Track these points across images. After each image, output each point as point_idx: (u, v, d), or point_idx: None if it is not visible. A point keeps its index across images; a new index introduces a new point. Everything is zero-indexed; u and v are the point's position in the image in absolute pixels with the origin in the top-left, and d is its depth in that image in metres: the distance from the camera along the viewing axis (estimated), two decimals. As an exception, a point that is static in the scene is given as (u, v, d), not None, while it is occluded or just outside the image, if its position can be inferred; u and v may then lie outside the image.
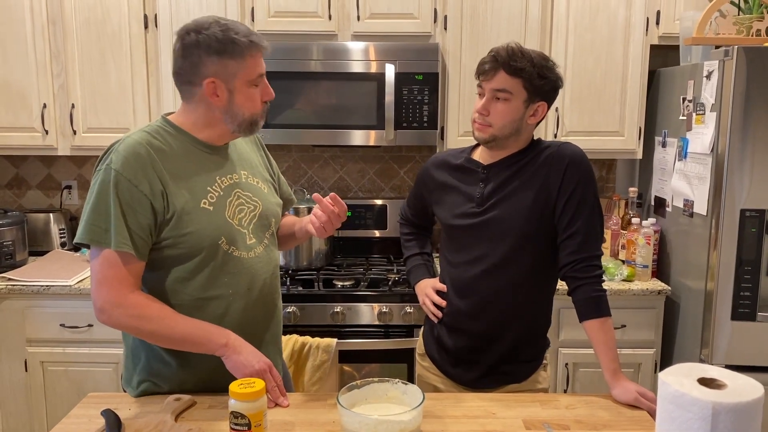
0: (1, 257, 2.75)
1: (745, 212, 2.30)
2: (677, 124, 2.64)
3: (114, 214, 1.40)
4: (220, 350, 1.46)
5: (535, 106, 1.64)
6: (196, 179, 1.49)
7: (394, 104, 2.69)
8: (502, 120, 1.63)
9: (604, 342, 1.60)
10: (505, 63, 1.59)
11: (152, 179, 1.42)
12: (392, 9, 2.76)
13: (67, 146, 2.85)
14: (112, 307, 1.41)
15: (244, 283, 1.54)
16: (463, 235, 1.73)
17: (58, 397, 2.66)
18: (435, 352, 1.85)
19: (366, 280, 2.69)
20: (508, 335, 1.72)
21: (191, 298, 1.49)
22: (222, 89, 1.47)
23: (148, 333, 1.45)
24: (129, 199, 1.40)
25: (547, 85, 1.63)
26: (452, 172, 1.78)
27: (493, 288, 1.70)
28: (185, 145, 1.51)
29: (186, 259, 1.47)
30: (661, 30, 2.78)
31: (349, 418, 1.30)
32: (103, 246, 1.41)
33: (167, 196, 1.44)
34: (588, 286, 1.62)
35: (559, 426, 1.43)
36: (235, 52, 1.44)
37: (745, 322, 2.34)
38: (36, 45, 2.76)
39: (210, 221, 1.48)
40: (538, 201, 1.64)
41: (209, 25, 1.45)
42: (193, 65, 1.45)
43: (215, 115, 1.50)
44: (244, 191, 1.57)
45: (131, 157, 1.42)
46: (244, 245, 1.54)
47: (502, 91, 1.61)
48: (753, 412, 1.03)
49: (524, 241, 1.66)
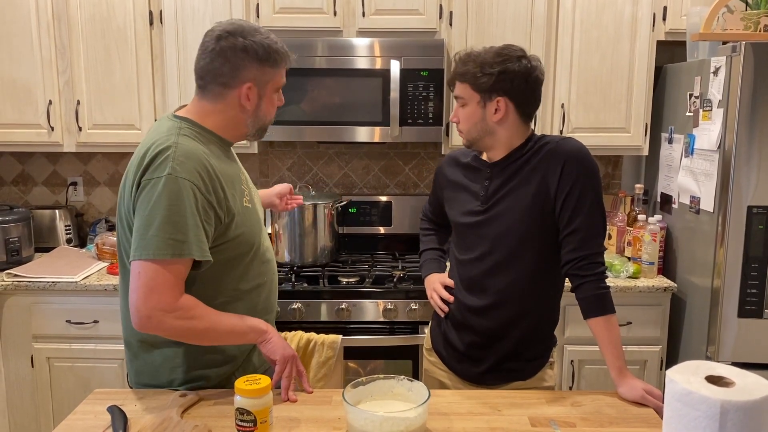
0: (7, 253, 2.76)
1: (752, 209, 2.29)
2: (684, 120, 2.62)
3: (191, 224, 1.38)
4: (262, 336, 1.54)
5: (494, 103, 1.62)
6: (233, 179, 1.54)
7: (399, 100, 2.69)
8: (466, 125, 1.67)
9: (609, 339, 1.59)
10: (455, 71, 1.65)
11: (216, 186, 1.45)
12: (397, 5, 2.75)
13: (73, 143, 2.86)
14: (163, 314, 1.39)
15: (271, 269, 1.67)
16: (469, 232, 1.74)
17: (64, 393, 2.66)
18: (441, 348, 1.85)
19: (371, 276, 2.68)
20: (513, 332, 1.72)
21: (236, 291, 1.55)
22: (254, 94, 1.52)
23: (200, 332, 1.45)
24: (203, 207, 1.40)
25: (493, 79, 1.59)
26: (462, 170, 1.80)
27: (498, 285, 1.70)
28: (218, 147, 1.55)
29: (241, 258, 1.55)
30: (668, 26, 2.77)
31: (354, 414, 1.30)
32: (184, 256, 1.38)
33: (226, 201, 1.47)
34: (591, 284, 1.61)
35: (565, 423, 1.43)
36: (275, 60, 1.51)
37: (751, 320, 2.33)
38: (41, 41, 2.76)
39: (251, 218, 1.57)
40: (538, 198, 1.64)
41: (253, 32, 1.49)
42: (235, 68, 1.47)
43: (242, 118, 1.54)
44: (248, 183, 1.66)
45: (197, 165, 1.41)
46: (265, 234, 1.66)
47: (459, 98, 1.67)
48: (762, 411, 1.02)
49: (527, 239, 1.66)
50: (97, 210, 3.28)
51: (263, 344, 1.54)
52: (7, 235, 2.76)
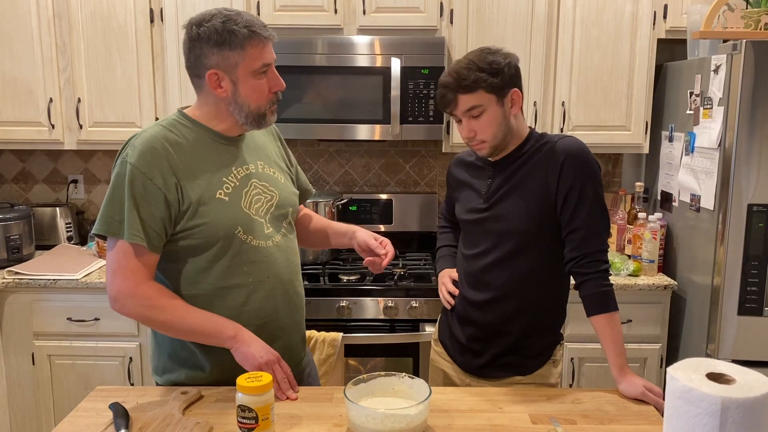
0: (8, 251, 2.76)
1: (752, 207, 2.29)
2: (684, 118, 2.63)
3: (128, 206, 1.42)
4: (229, 342, 1.47)
5: (508, 98, 1.64)
6: (212, 170, 1.51)
7: (399, 98, 2.69)
8: (490, 130, 1.64)
9: (611, 337, 1.60)
10: (458, 88, 1.60)
11: (166, 172, 1.44)
12: (398, 3, 2.75)
13: (74, 140, 2.86)
14: (125, 298, 1.44)
15: (263, 272, 1.55)
16: (473, 229, 1.77)
17: (65, 390, 2.67)
18: (447, 339, 1.89)
19: (371, 274, 2.69)
20: (514, 328, 1.73)
21: (212, 287, 1.51)
22: (226, 81, 1.48)
23: (160, 323, 1.48)
24: (143, 191, 1.43)
25: (504, 75, 1.61)
26: (467, 169, 1.83)
27: (499, 281, 1.71)
28: (201, 138, 1.53)
29: (203, 250, 1.49)
30: (669, 24, 2.77)
31: (356, 411, 1.30)
32: (117, 237, 1.44)
33: (181, 189, 1.45)
34: (594, 282, 1.62)
35: (565, 420, 1.43)
36: (234, 42, 1.44)
37: (751, 317, 2.34)
38: (42, 39, 2.76)
39: (226, 211, 1.50)
40: (539, 197, 1.65)
41: (212, 17, 1.46)
42: (197, 57, 1.48)
43: (223, 107, 1.51)
44: (260, 181, 1.59)
45: (146, 150, 1.44)
46: (261, 234, 1.56)
47: (472, 109, 1.62)
48: (763, 408, 1.02)
49: (528, 236, 1.67)
50: (98, 208, 3.27)
51: (234, 351, 1.48)
52: (8, 233, 2.76)
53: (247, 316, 1.53)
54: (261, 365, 1.46)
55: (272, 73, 1.52)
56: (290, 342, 1.63)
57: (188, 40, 1.48)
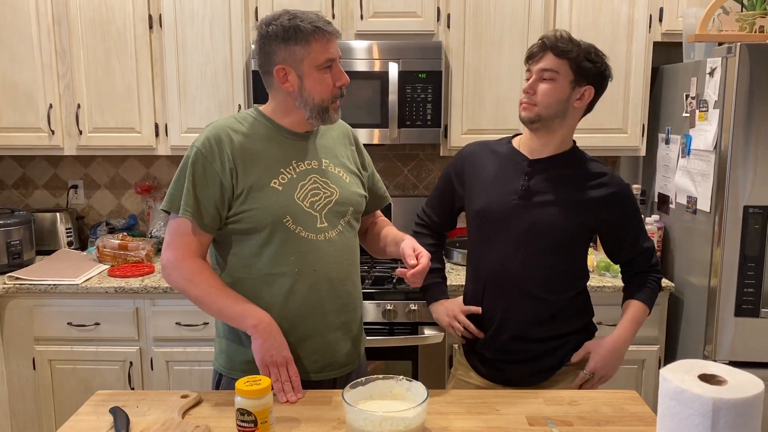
0: (8, 256, 2.78)
1: (748, 209, 2.30)
2: (680, 121, 2.64)
3: (187, 185, 1.54)
4: (250, 330, 1.53)
5: (582, 89, 1.67)
6: (271, 161, 1.58)
7: (397, 102, 2.70)
8: (547, 99, 1.65)
9: (634, 319, 1.77)
10: (553, 45, 1.64)
11: (225, 158, 1.54)
12: (395, 7, 2.77)
13: (73, 146, 2.87)
14: (171, 267, 1.57)
15: (310, 263, 1.59)
16: (498, 223, 1.73)
17: (65, 395, 2.68)
18: (476, 360, 1.88)
19: (370, 278, 2.69)
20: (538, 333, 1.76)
21: (261, 273, 1.58)
22: (292, 75, 1.55)
23: (194, 297, 1.57)
24: (202, 173, 1.54)
25: (594, 69, 1.66)
26: (498, 159, 1.78)
27: (531, 276, 1.73)
28: (269, 131, 1.61)
29: (252, 235, 1.57)
30: (664, 27, 2.78)
31: (354, 414, 1.31)
32: (174, 212, 1.56)
33: (237, 174, 1.54)
34: (647, 275, 1.82)
35: (562, 422, 1.44)
36: (299, 37, 1.52)
37: (748, 319, 2.35)
38: (42, 45, 2.78)
39: (277, 200, 1.56)
40: (584, 217, 1.71)
41: (279, 15, 1.55)
42: (266, 55, 1.56)
43: (290, 102, 1.59)
44: (321, 177, 1.62)
45: (211, 137, 1.55)
46: (313, 227, 1.59)
47: (548, 71, 1.64)
48: (753, 408, 1.03)
49: (559, 241, 1.71)
50: (98, 213, 3.29)
51: (252, 340, 1.53)
52: (8, 239, 2.77)
53: (291, 306, 1.59)
54: (267, 363, 1.52)
55: (336, 68, 1.59)
56: (336, 339, 1.65)
57: (259, 39, 1.57)
